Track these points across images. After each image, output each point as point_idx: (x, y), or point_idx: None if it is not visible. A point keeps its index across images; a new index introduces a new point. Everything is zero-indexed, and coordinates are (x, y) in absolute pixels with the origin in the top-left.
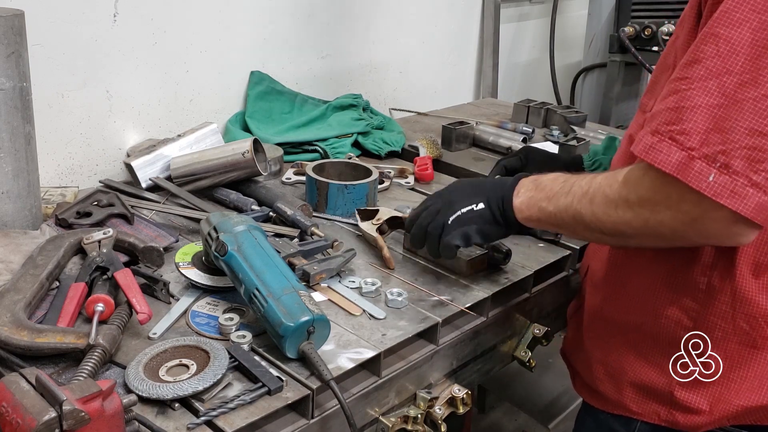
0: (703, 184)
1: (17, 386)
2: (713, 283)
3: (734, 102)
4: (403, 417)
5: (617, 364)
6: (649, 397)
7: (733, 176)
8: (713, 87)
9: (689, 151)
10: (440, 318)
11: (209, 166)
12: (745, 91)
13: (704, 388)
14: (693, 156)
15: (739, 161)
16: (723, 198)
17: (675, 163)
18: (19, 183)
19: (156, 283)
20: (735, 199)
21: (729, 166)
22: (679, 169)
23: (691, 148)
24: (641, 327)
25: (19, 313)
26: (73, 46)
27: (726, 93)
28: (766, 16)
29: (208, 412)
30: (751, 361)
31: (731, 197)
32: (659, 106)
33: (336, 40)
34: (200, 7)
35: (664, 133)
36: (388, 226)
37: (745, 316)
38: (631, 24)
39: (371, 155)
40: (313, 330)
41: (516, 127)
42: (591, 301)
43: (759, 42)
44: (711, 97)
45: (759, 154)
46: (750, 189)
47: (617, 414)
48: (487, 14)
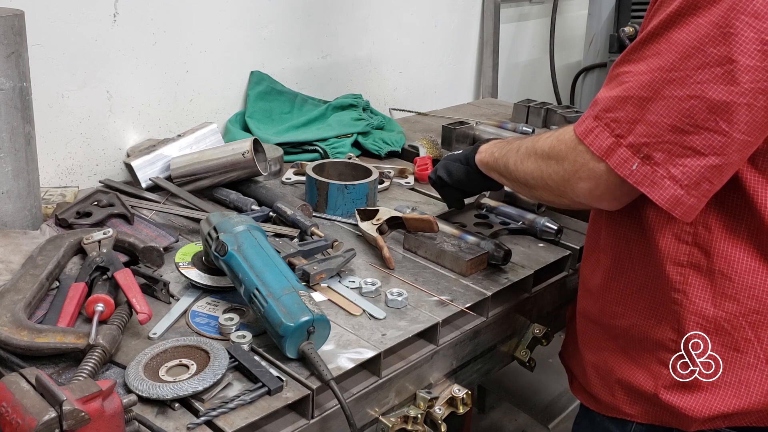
0: (627, 171)
1: (17, 386)
2: (690, 281)
3: (662, 98)
4: (403, 417)
5: (608, 367)
6: (640, 399)
7: (654, 167)
8: (646, 81)
9: (618, 138)
10: (440, 318)
11: (209, 166)
12: (672, 89)
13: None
14: (620, 143)
15: (661, 154)
16: (644, 186)
17: (605, 147)
18: (19, 183)
19: (156, 283)
20: (653, 187)
21: (651, 157)
22: (606, 153)
23: (619, 135)
24: (629, 330)
25: (19, 313)
26: (73, 46)
27: (655, 88)
28: (701, 19)
29: (208, 412)
30: (734, 364)
31: (651, 186)
32: (603, 93)
33: (336, 40)
34: (200, 7)
35: (602, 119)
36: (388, 226)
37: (726, 315)
38: (631, 24)
39: (371, 155)
40: (313, 330)
41: (516, 127)
42: (583, 305)
43: (692, 43)
44: (643, 91)
45: (678, 150)
46: (667, 181)
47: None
48: (487, 14)
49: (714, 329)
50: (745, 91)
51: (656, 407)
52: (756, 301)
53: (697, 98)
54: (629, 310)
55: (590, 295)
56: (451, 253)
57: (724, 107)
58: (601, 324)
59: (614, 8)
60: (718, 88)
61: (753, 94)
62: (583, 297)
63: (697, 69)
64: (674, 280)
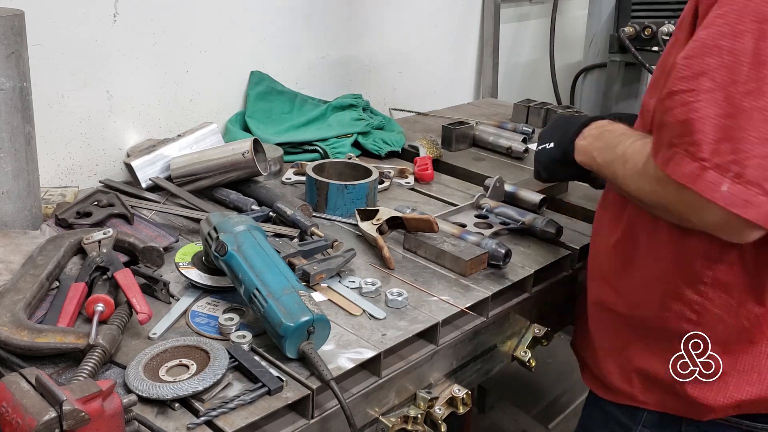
0: (717, 195)
1: (17, 386)
2: (718, 277)
3: (742, 111)
4: (403, 417)
5: (625, 355)
6: (655, 387)
7: (746, 186)
8: (720, 98)
9: (701, 162)
10: (440, 318)
11: (209, 166)
12: (751, 100)
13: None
14: (705, 167)
15: (753, 170)
16: (737, 208)
17: (689, 174)
18: (19, 183)
19: (156, 283)
20: (748, 208)
21: (742, 175)
22: (692, 180)
23: (703, 159)
24: (647, 320)
25: (19, 313)
26: (73, 46)
27: (733, 103)
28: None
29: (208, 412)
30: (748, 354)
31: (744, 207)
32: (667, 117)
33: (336, 40)
34: (200, 7)
35: (678, 145)
36: (388, 226)
37: (746, 312)
38: (631, 24)
39: (371, 155)
40: (313, 330)
41: (516, 127)
42: (596, 294)
43: (761, 51)
44: (719, 108)
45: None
46: (763, 197)
47: (623, 404)
48: (487, 14)
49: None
50: None
51: (672, 396)
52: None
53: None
54: (649, 299)
55: (606, 284)
56: (451, 253)
57: None
58: (617, 313)
59: (614, 8)
60: None
61: None
62: (597, 286)
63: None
64: (702, 274)
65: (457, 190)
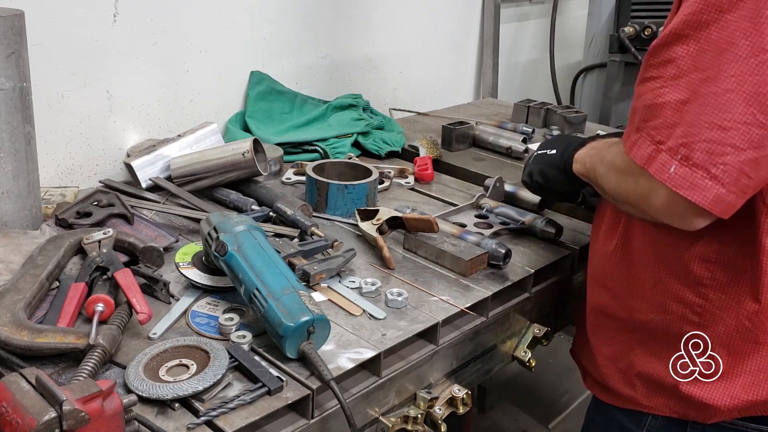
0: (665, 175)
1: (17, 386)
2: (716, 278)
3: (698, 97)
4: (403, 417)
5: (626, 360)
6: (659, 391)
7: (693, 168)
8: (682, 84)
9: (658, 145)
10: (440, 318)
11: (209, 166)
12: (708, 86)
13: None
14: (660, 149)
15: (700, 154)
16: (682, 189)
17: (647, 156)
18: (19, 183)
19: (156, 283)
20: (694, 190)
21: (689, 158)
22: (647, 161)
23: (659, 142)
24: (648, 324)
25: (19, 313)
26: (73, 46)
27: (691, 89)
28: (730, 15)
29: (208, 412)
30: (755, 355)
31: (690, 189)
32: (637, 103)
33: (336, 40)
34: (200, 7)
35: (643, 129)
36: (388, 226)
37: (745, 311)
38: (631, 24)
39: (371, 155)
40: (313, 330)
41: (516, 127)
42: (595, 300)
43: (721, 40)
44: (679, 93)
45: (718, 147)
46: (708, 181)
47: (628, 409)
48: (487, 14)
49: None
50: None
51: (677, 399)
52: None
53: (732, 92)
54: (649, 304)
55: (604, 290)
56: (451, 253)
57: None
58: (616, 318)
59: (614, 8)
60: (752, 79)
61: None
62: (597, 292)
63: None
64: (701, 276)
65: (457, 190)
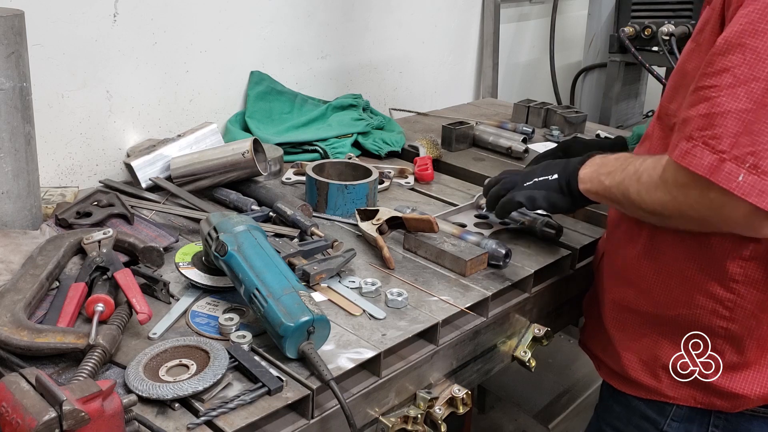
0: (733, 184)
1: (17, 386)
2: (749, 274)
3: (762, 106)
4: (403, 417)
5: (651, 353)
6: (686, 383)
7: (761, 176)
8: (742, 93)
9: (720, 154)
10: (440, 318)
11: (209, 166)
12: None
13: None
14: (724, 158)
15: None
16: (751, 196)
17: (707, 166)
18: (19, 183)
19: (156, 283)
20: (762, 197)
21: (758, 166)
22: (710, 172)
23: (722, 151)
24: (676, 318)
25: (19, 313)
26: (73, 46)
27: (754, 98)
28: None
29: (208, 412)
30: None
31: (759, 195)
32: (690, 112)
33: (336, 40)
34: (200, 7)
35: (697, 138)
36: (388, 226)
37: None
38: (631, 24)
39: (371, 155)
40: (313, 330)
41: (516, 127)
42: (617, 295)
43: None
44: (740, 103)
45: None
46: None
47: (651, 399)
48: (487, 14)
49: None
50: None
51: (704, 390)
52: None
53: None
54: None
55: (628, 285)
56: (451, 253)
57: None
58: (641, 312)
59: (614, 8)
60: None
61: None
62: (617, 287)
63: None
64: (734, 272)
65: (457, 190)
